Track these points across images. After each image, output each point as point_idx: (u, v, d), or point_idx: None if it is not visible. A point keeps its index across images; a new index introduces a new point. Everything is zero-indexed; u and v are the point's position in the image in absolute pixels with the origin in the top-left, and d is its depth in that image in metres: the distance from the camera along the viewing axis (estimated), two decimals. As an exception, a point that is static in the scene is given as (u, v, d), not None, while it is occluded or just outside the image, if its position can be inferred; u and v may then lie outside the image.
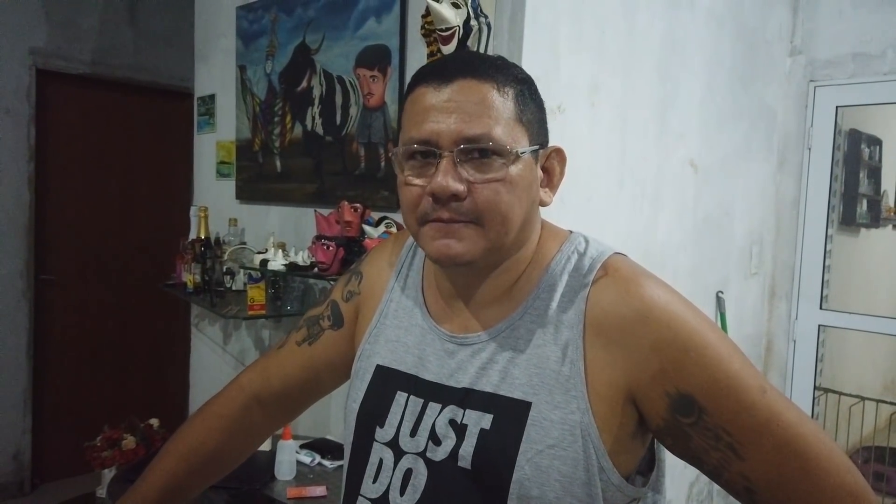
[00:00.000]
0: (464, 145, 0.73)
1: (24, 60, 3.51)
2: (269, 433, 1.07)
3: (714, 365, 0.71)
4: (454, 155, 0.73)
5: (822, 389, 2.93)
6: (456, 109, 0.74)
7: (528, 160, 0.77)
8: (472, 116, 0.73)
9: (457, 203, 0.74)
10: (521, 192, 0.76)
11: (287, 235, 2.42)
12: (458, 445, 0.76)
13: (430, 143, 0.74)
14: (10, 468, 3.55)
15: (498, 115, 0.74)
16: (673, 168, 2.23)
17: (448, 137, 0.73)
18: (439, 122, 0.74)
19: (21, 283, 3.56)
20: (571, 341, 0.75)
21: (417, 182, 0.76)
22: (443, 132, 0.74)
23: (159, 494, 0.94)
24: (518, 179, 0.75)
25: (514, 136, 0.75)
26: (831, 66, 2.71)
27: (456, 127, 0.73)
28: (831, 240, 2.81)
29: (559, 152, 0.83)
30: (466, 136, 0.73)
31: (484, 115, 0.74)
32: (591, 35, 1.85)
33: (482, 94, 0.74)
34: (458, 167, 0.74)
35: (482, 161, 0.74)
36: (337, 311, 0.97)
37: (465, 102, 0.74)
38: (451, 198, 0.73)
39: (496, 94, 0.75)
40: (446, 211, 0.74)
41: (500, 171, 0.74)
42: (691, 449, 0.73)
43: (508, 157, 0.74)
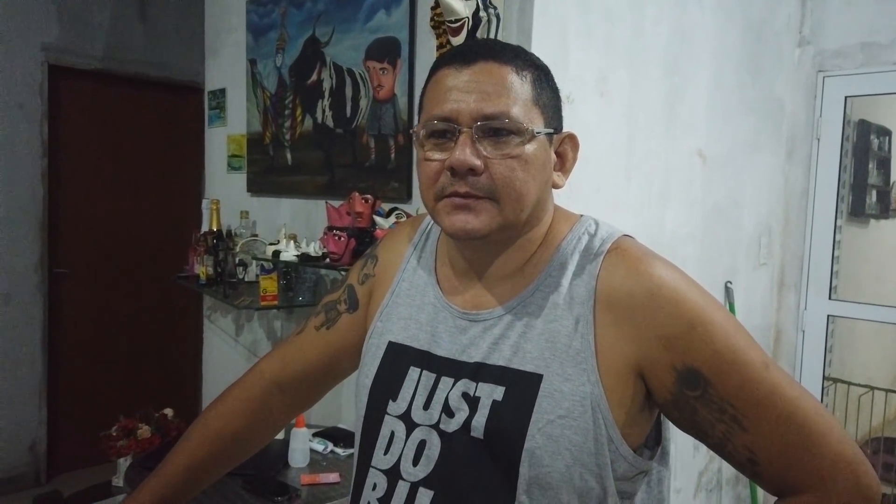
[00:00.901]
0: (482, 122, 0.76)
1: (36, 56, 3.54)
2: (289, 418, 1.09)
3: (719, 340, 0.74)
4: (473, 131, 0.76)
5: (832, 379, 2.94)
6: (476, 89, 0.77)
7: (543, 141, 0.80)
8: (491, 95, 0.76)
9: (474, 178, 0.77)
10: (536, 171, 0.79)
11: (298, 227, 2.44)
12: (470, 417, 0.78)
13: (450, 119, 0.77)
14: (27, 459, 3.61)
15: (516, 95, 0.77)
16: (681, 159, 2.24)
17: (467, 114, 0.76)
18: (459, 100, 0.77)
19: (35, 276, 3.60)
20: (582, 317, 0.77)
21: (436, 157, 0.79)
22: (462, 110, 0.77)
23: (182, 475, 0.96)
24: (533, 158, 0.78)
25: (530, 116, 0.78)
26: (840, 56, 2.70)
27: (475, 105, 0.76)
28: (840, 230, 2.81)
29: (572, 138, 0.85)
30: (485, 113, 0.76)
31: (502, 94, 0.77)
32: (600, 26, 1.86)
33: (501, 76, 0.77)
34: (476, 143, 0.76)
35: (499, 138, 0.77)
36: (353, 295, 1.00)
37: (485, 83, 0.77)
38: (468, 172, 0.76)
39: (515, 77, 0.78)
40: (464, 185, 0.77)
41: (517, 148, 0.77)
42: (697, 422, 0.76)
43: (524, 136, 0.77)
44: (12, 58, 3.46)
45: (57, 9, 3.60)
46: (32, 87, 3.54)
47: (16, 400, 3.55)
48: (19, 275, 3.54)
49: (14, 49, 3.46)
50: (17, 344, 3.55)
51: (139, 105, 4.00)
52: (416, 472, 0.80)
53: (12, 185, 3.50)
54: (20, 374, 3.56)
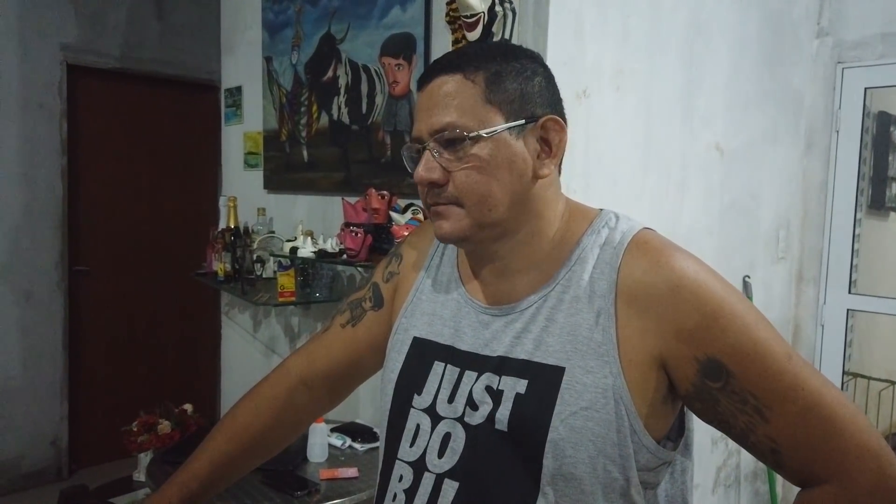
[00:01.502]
0: (435, 136, 0.80)
1: (55, 56, 3.58)
2: (315, 416, 1.10)
3: (742, 331, 0.74)
4: (431, 147, 0.81)
5: (851, 374, 2.91)
6: (429, 106, 0.81)
7: (504, 138, 0.80)
8: (439, 108, 0.80)
9: (438, 189, 0.81)
10: (498, 171, 0.80)
11: (314, 224, 2.45)
12: (494, 410, 0.79)
13: (417, 139, 0.83)
14: (49, 454, 3.66)
15: (462, 102, 0.80)
16: (698, 152, 2.22)
17: (426, 132, 0.82)
18: (420, 120, 0.82)
19: (56, 274, 3.65)
20: (604, 310, 0.78)
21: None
22: (422, 129, 0.82)
23: (210, 471, 0.98)
24: (490, 159, 0.79)
25: (480, 118, 0.79)
26: (859, 47, 2.67)
27: (429, 121, 0.81)
28: (860, 223, 2.78)
29: (555, 121, 0.83)
30: (434, 128, 0.80)
31: (448, 105, 0.80)
32: (616, 20, 1.85)
33: (448, 88, 0.81)
34: (437, 157, 0.81)
35: (454, 149, 0.80)
36: (378, 293, 1.01)
37: (436, 97, 0.81)
38: (431, 185, 0.81)
39: (463, 83, 0.80)
40: (432, 195, 0.83)
41: (469, 154, 0.79)
42: (719, 413, 0.76)
43: (469, 141, 0.79)
44: (31, 58, 3.50)
45: (74, 9, 3.63)
46: (51, 87, 3.59)
47: (38, 396, 3.60)
48: (40, 272, 3.59)
49: (33, 50, 3.50)
50: (38, 341, 3.60)
51: (156, 103, 4.04)
52: (442, 465, 0.82)
53: (32, 183, 3.55)
54: (42, 371, 3.62)
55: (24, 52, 3.48)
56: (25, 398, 3.56)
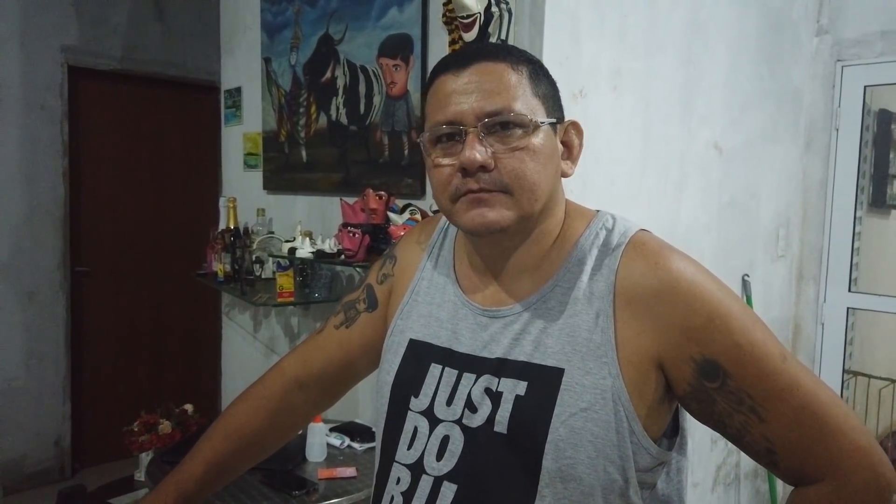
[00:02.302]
0: (486, 119, 0.78)
1: (56, 58, 3.60)
2: (310, 416, 1.10)
3: (738, 332, 0.75)
4: (478, 129, 0.78)
5: (852, 373, 2.91)
6: (475, 90, 0.79)
7: (548, 131, 0.81)
8: (492, 93, 0.78)
9: (485, 175, 0.78)
10: (545, 161, 0.81)
11: (314, 224, 2.46)
12: (493, 412, 0.79)
13: (454, 122, 0.79)
14: (52, 454, 3.68)
15: (515, 90, 0.79)
16: (697, 151, 2.22)
17: (471, 114, 0.78)
18: (461, 102, 0.79)
19: (58, 275, 3.66)
20: (602, 311, 0.78)
21: (446, 161, 0.81)
22: (465, 111, 0.78)
23: (204, 471, 0.98)
24: (540, 148, 0.80)
25: (532, 108, 0.80)
26: (859, 45, 2.66)
27: (477, 104, 0.78)
28: (860, 221, 2.77)
29: (576, 125, 0.87)
30: (488, 110, 0.78)
31: (502, 91, 0.78)
32: (613, 19, 1.85)
33: (498, 73, 0.79)
34: (483, 141, 0.78)
35: (505, 133, 0.78)
36: (372, 295, 1.01)
37: (484, 82, 0.79)
38: (479, 169, 0.78)
39: (512, 72, 0.80)
40: (475, 182, 0.78)
41: (523, 140, 0.78)
42: (716, 413, 0.77)
43: (529, 128, 0.79)
44: (33, 60, 3.52)
45: (75, 11, 3.65)
46: (53, 89, 3.60)
47: (41, 396, 3.62)
48: (42, 273, 3.61)
49: (34, 51, 3.52)
50: (41, 341, 3.61)
51: (157, 104, 4.05)
52: (440, 467, 0.81)
53: (34, 184, 3.56)
54: (44, 371, 3.63)
55: (26, 54, 3.49)
56: (28, 398, 3.58)
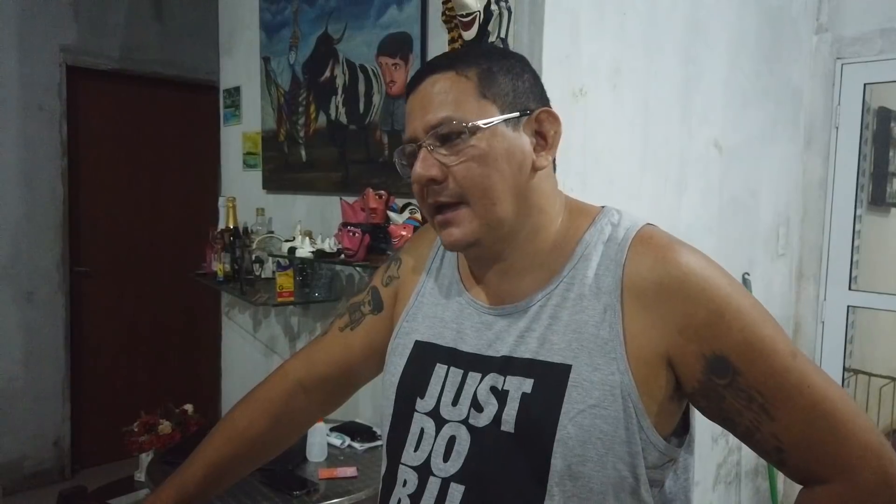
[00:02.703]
0: (430, 132, 0.79)
1: (54, 58, 3.59)
2: (314, 419, 1.10)
3: (748, 328, 0.74)
4: (426, 144, 0.80)
5: (852, 371, 2.91)
6: (423, 105, 0.81)
7: (501, 130, 0.80)
8: (433, 105, 0.80)
9: (439, 186, 0.80)
10: (499, 163, 0.79)
11: (313, 224, 2.46)
12: (500, 411, 0.78)
13: (412, 140, 0.82)
14: (51, 454, 3.67)
15: (456, 97, 0.80)
16: (697, 149, 2.22)
17: (421, 130, 0.81)
18: (413, 119, 0.82)
19: (57, 275, 3.66)
20: (610, 306, 0.77)
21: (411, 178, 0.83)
22: (417, 128, 0.81)
23: (205, 474, 0.97)
24: (490, 150, 0.79)
25: (477, 112, 0.79)
26: (858, 42, 2.66)
27: (422, 119, 0.81)
28: (860, 220, 2.77)
29: (548, 112, 0.84)
30: (430, 123, 0.80)
31: (443, 101, 0.80)
32: (612, 17, 1.85)
33: (441, 85, 0.81)
34: (433, 154, 0.80)
35: (451, 143, 0.79)
36: (377, 297, 1.01)
37: (429, 95, 0.81)
38: (430, 182, 0.80)
39: (456, 79, 0.81)
40: (432, 195, 0.81)
41: (467, 146, 0.79)
42: (724, 410, 0.76)
43: (469, 132, 0.79)
44: (31, 60, 3.51)
45: (74, 11, 3.64)
46: (51, 89, 3.59)
47: (40, 396, 3.62)
48: (41, 273, 3.60)
49: (33, 51, 3.51)
50: (40, 342, 3.61)
51: (155, 104, 4.04)
52: (447, 468, 0.81)
53: (33, 185, 3.55)
54: (44, 372, 3.63)
55: (24, 54, 3.48)
56: (27, 399, 3.57)
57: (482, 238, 0.81)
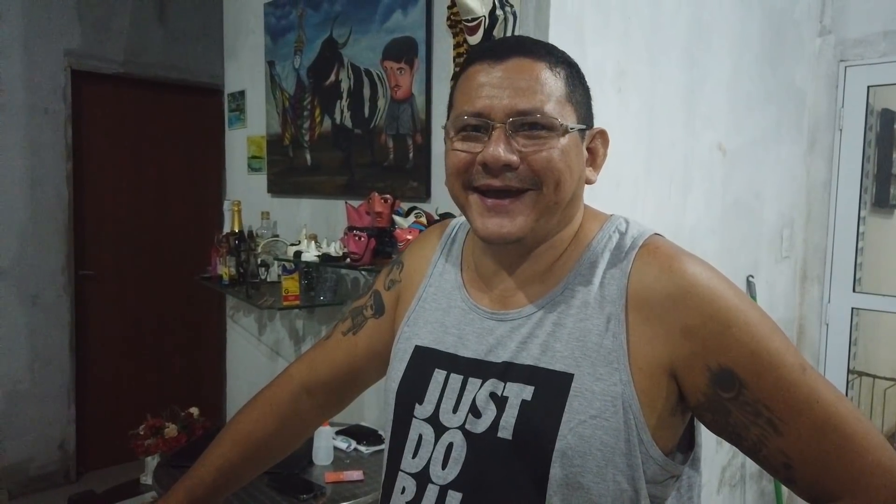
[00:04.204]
0: (515, 118, 0.76)
1: (59, 62, 3.60)
2: (319, 422, 1.10)
3: (755, 341, 0.72)
4: (506, 127, 0.76)
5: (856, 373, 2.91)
6: (509, 85, 0.76)
7: (576, 137, 0.80)
8: (525, 91, 0.76)
9: (511, 172, 0.77)
10: (572, 164, 0.79)
11: (318, 227, 2.46)
12: (498, 417, 0.77)
13: (482, 115, 0.77)
14: (56, 457, 3.68)
15: (549, 91, 0.77)
16: (701, 152, 2.22)
17: (501, 110, 0.76)
18: (492, 96, 0.77)
19: (62, 278, 3.67)
20: (614, 315, 0.76)
21: (466, 149, 0.79)
22: (496, 106, 0.76)
23: (214, 477, 0.97)
24: (568, 152, 0.78)
25: (563, 112, 0.78)
26: (862, 45, 2.66)
27: (509, 101, 0.76)
28: (864, 222, 2.77)
29: (603, 134, 0.85)
30: (519, 109, 0.76)
31: (536, 90, 0.76)
32: (617, 21, 1.86)
33: (535, 72, 0.77)
34: (509, 139, 0.76)
35: (533, 133, 0.76)
36: (379, 301, 1.01)
37: (518, 79, 0.77)
38: (502, 168, 0.76)
39: (548, 73, 0.78)
40: (500, 180, 0.77)
41: (550, 142, 0.77)
42: (730, 424, 0.74)
43: (558, 131, 0.77)
44: (36, 64, 3.52)
45: (78, 15, 3.65)
46: (56, 93, 3.60)
47: (45, 399, 3.62)
48: (46, 277, 3.61)
49: (38, 56, 3.52)
50: (45, 344, 3.62)
51: (160, 108, 4.05)
52: (446, 475, 0.80)
53: (38, 188, 3.56)
54: (49, 374, 3.63)
55: (29, 58, 3.49)
56: (33, 402, 3.58)
57: (529, 235, 0.79)
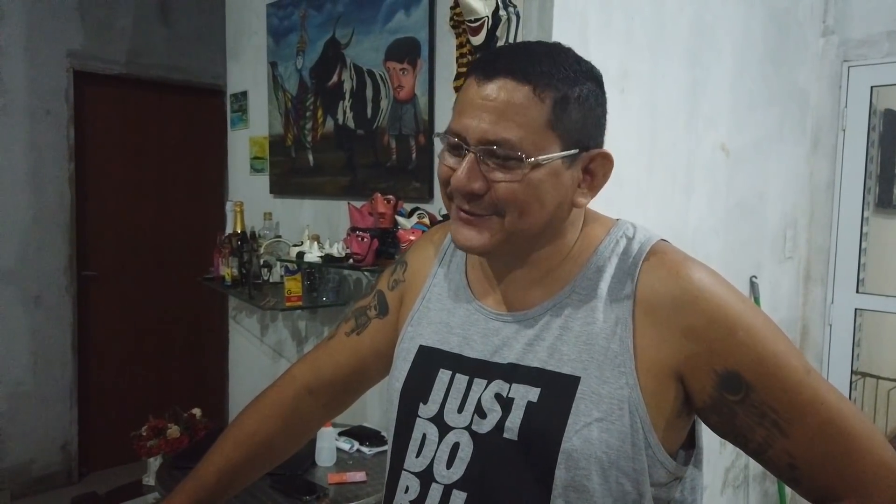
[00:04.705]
0: (485, 146, 0.75)
1: (61, 63, 3.60)
2: (321, 423, 1.10)
3: (761, 344, 0.74)
4: (476, 154, 0.76)
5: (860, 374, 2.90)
6: (488, 108, 0.75)
7: (555, 167, 0.77)
8: (500, 118, 0.75)
9: (476, 199, 0.77)
10: (542, 195, 0.77)
11: (320, 228, 2.46)
12: (504, 418, 0.78)
13: (459, 136, 0.78)
14: (59, 458, 3.68)
15: (527, 121, 0.75)
16: (704, 153, 2.22)
17: (474, 135, 0.76)
18: (472, 117, 0.76)
19: (64, 279, 3.67)
20: (621, 319, 0.77)
21: (450, 163, 0.80)
22: (470, 129, 0.76)
23: (217, 478, 0.98)
24: (538, 184, 0.76)
25: (539, 142, 0.75)
26: (865, 45, 2.66)
27: (482, 126, 0.75)
28: (867, 222, 2.76)
29: (605, 157, 0.81)
30: (488, 138, 0.75)
31: (511, 119, 0.74)
32: (620, 22, 1.85)
33: (515, 98, 0.75)
34: (480, 164, 0.76)
35: (502, 162, 0.75)
36: (382, 300, 1.01)
37: (499, 102, 0.75)
38: (470, 194, 0.77)
39: (530, 99, 0.75)
40: (465, 203, 0.78)
41: (518, 174, 0.75)
42: (736, 426, 0.75)
43: (524, 165, 0.75)
44: (39, 65, 3.52)
45: (81, 16, 3.65)
46: (58, 94, 3.60)
47: (48, 400, 3.62)
48: (49, 277, 3.61)
49: (40, 57, 3.52)
50: (47, 345, 3.62)
51: (163, 109, 4.05)
52: (450, 475, 0.80)
53: (41, 189, 3.57)
54: (51, 375, 3.64)
55: (32, 59, 3.50)
56: (35, 402, 3.58)
57: (497, 251, 0.80)
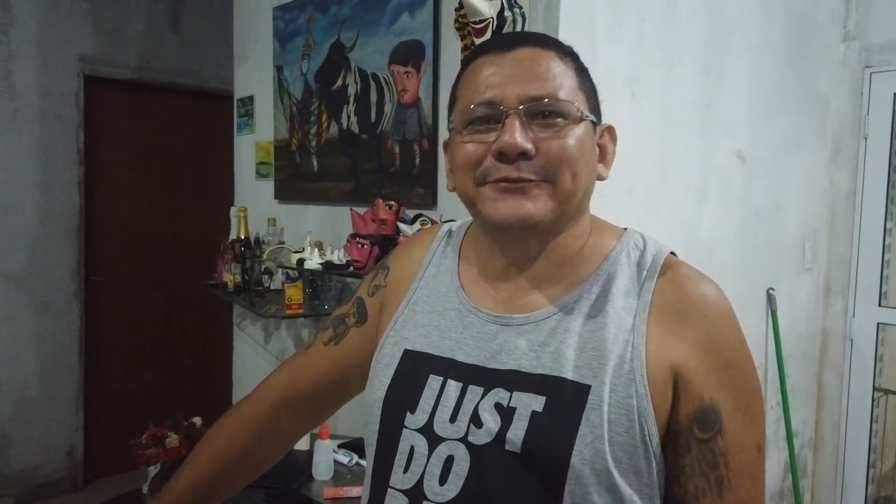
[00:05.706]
0: (529, 104, 0.73)
1: (72, 67, 3.61)
2: (299, 435, 1.04)
3: (747, 391, 0.74)
4: (520, 112, 0.73)
5: (882, 390, 2.80)
6: (519, 73, 0.74)
7: (590, 128, 0.77)
8: (538, 77, 0.74)
9: (525, 162, 0.73)
10: (588, 154, 0.76)
11: (324, 234, 2.42)
12: (504, 429, 0.72)
13: (494, 103, 0.74)
14: (64, 464, 3.66)
15: (561, 78, 0.75)
16: (719, 160, 2.15)
17: (513, 97, 0.73)
18: (504, 84, 0.74)
19: (72, 284, 3.66)
20: (635, 328, 0.74)
21: (478, 140, 0.75)
22: (507, 93, 0.74)
23: (190, 494, 0.93)
24: (584, 140, 0.75)
25: (577, 100, 0.76)
26: (888, 51, 2.58)
27: (521, 88, 0.73)
28: (890, 233, 2.68)
29: (611, 130, 0.83)
30: (532, 94, 0.73)
31: (548, 76, 0.74)
32: (631, 23, 1.79)
33: (545, 59, 0.75)
34: (525, 126, 0.73)
35: (548, 122, 0.74)
36: (362, 308, 0.95)
37: (528, 67, 0.75)
38: (519, 156, 0.72)
39: (558, 61, 0.76)
40: (514, 170, 0.73)
41: (566, 129, 0.74)
42: (680, 465, 0.72)
43: (574, 118, 0.74)
44: (49, 69, 3.53)
45: (92, 21, 3.66)
46: (69, 98, 3.61)
47: (54, 406, 3.61)
48: (57, 283, 3.60)
49: (51, 61, 3.53)
50: (54, 351, 3.61)
51: (172, 113, 4.05)
52: (445, 492, 0.73)
53: (49, 193, 3.56)
54: (58, 381, 3.62)
55: (42, 64, 3.50)
56: (41, 408, 3.57)
57: (548, 221, 0.75)
